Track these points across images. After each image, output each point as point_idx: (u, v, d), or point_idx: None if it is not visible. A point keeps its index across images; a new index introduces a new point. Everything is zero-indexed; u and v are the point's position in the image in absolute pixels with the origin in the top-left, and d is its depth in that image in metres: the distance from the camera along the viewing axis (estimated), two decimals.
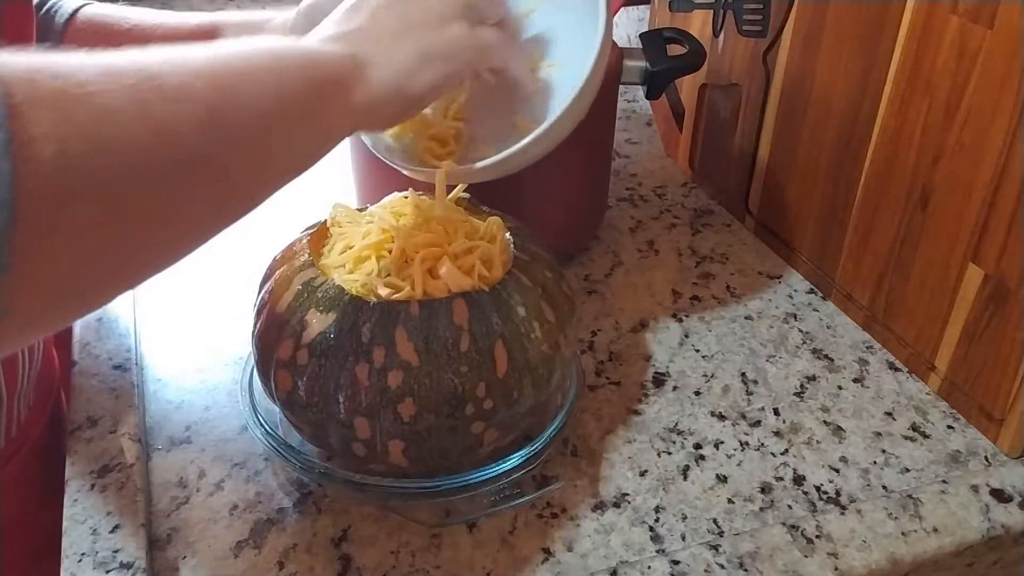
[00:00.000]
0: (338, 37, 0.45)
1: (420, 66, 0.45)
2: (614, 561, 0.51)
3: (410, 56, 0.45)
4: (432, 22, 0.47)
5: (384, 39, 0.45)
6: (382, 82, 0.44)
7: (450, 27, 0.47)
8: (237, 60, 0.37)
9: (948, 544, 0.53)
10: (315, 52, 0.43)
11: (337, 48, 0.44)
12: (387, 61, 0.44)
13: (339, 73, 0.42)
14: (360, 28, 0.45)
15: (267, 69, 0.38)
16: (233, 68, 0.37)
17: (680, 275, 0.78)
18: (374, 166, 0.75)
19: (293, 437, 0.54)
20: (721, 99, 0.86)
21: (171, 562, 0.50)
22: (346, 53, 0.43)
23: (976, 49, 0.56)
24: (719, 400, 0.64)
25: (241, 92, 0.36)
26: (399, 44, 0.45)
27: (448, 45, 0.47)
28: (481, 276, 0.51)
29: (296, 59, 0.41)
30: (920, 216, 0.63)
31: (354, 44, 0.44)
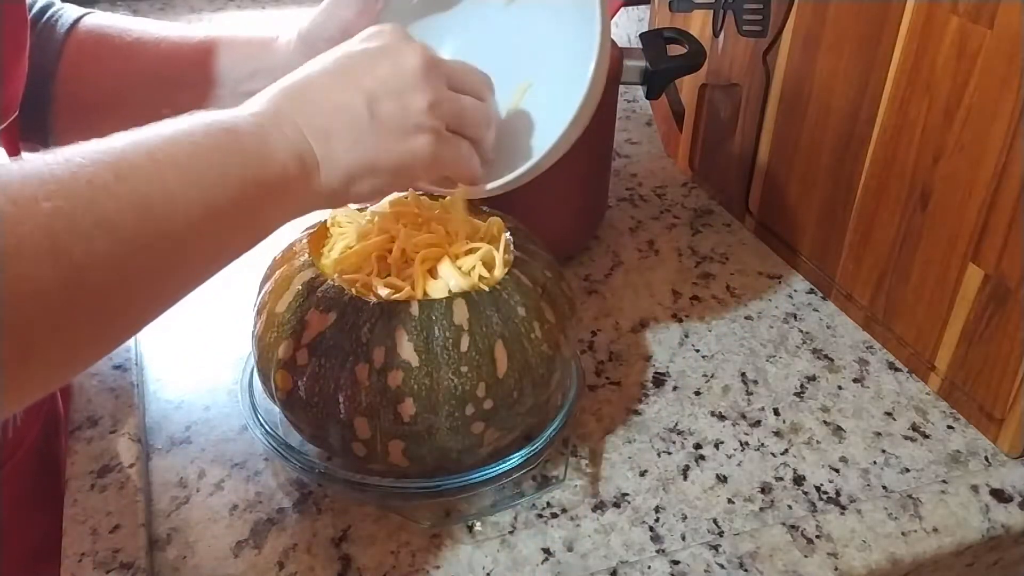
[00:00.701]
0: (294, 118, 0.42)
1: (363, 176, 0.44)
2: (614, 561, 0.51)
3: (356, 167, 0.44)
4: (400, 128, 0.44)
5: (339, 139, 0.43)
6: (318, 189, 0.43)
7: (416, 138, 0.45)
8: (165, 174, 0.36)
9: (948, 544, 0.53)
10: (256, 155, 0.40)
11: (285, 145, 0.41)
12: (331, 167, 0.43)
13: (280, 182, 0.41)
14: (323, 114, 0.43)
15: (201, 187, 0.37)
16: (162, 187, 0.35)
17: (680, 275, 0.78)
18: None
19: (293, 437, 0.54)
20: (721, 99, 0.86)
21: (171, 562, 0.50)
22: (293, 155, 0.41)
23: (976, 49, 0.56)
24: (719, 400, 0.64)
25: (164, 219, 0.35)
26: (352, 150, 0.43)
27: (402, 159, 0.45)
28: (481, 276, 0.51)
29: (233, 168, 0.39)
30: (920, 216, 0.63)
31: (305, 133, 0.42)
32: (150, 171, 0.35)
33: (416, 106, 0.44)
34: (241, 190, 0.39)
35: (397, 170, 0.45)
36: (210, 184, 0.37)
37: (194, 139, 0.38)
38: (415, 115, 0.44)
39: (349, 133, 0.43)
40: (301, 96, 0.43)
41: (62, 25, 0.60)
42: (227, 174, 0.38)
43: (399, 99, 0.44)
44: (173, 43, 0.60)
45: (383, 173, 0.45)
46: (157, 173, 0.35)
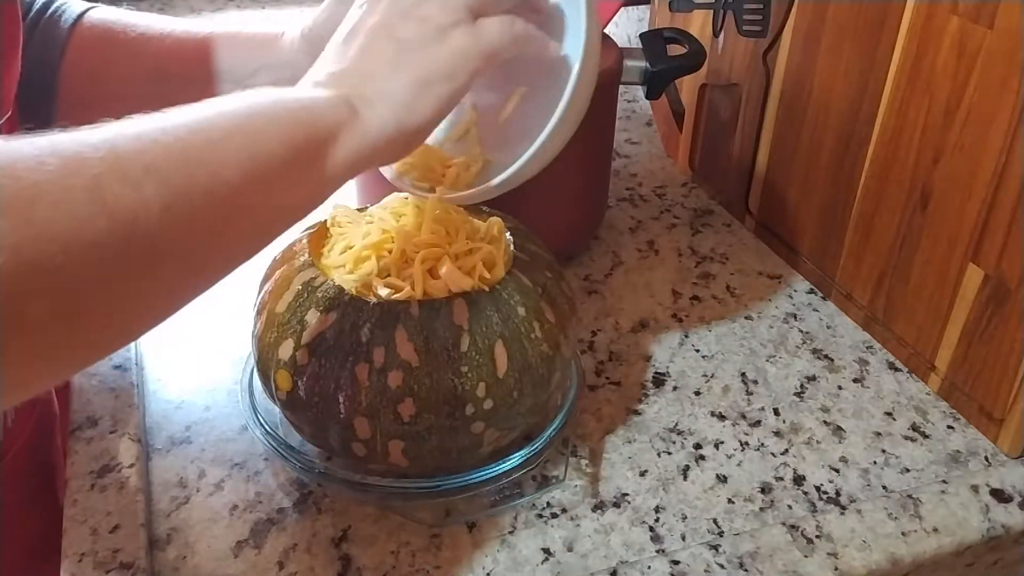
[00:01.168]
0: (329, 80, 0.42)
1: (420, 93, 0.43)
2: (614, 561, 0.51)
3: (408, 85, 0.43)
4: (430, 37, 0.44)
5: (378, 72, 0.43)
6: (379, 123, 0.42)
7: (451, 36, 0.44)
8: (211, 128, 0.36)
9: (948, 544, 0.53)
10: (301, 106, 0.40)
11: (327, 95, 0.41)
12: (382, 97, 0.42)
13: (330, 125, 0.40)
14: (352, 65, 0.43)
15: (245, 133, 0.37)
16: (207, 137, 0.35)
17: (680, 275, 0.78)
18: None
19: (293, 437, 0.54)
20: (721, 99, 0.86)
21: (171, 562, 0.50)
22: (337, 98, 0.41)
23: (976, 49, 0.56)
24: (719, 400, 0.64)
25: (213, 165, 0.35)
26: (395, 74, 0.43)
27: (450, 61, 0.44)
28: (481, 276, 0.51)
29: (279, 117, 0.39)
30: (920, 216, 0.63)
31: (345, 85, 0.42)
32: (196, 120, 0.35)
33: (429, 11, 0.44)
34: (291, 137, 0.38)
35: (449, 73, 0.44)
36: (258, 131, 0.37)
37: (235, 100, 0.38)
38: (433, 19, 0.44)
39: (385, 64, 0.43)
40: (325, 62, 0.44)
41: (66, 20, 0.60)
42: (274, 124, 0.38)
43: (412, 15, 0.44)
44: (177, 39, 0.60)
45: (438, 81, 0.43)
46: (203, 122, 0.36)
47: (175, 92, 0.59)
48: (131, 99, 0.61)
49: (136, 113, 0.38)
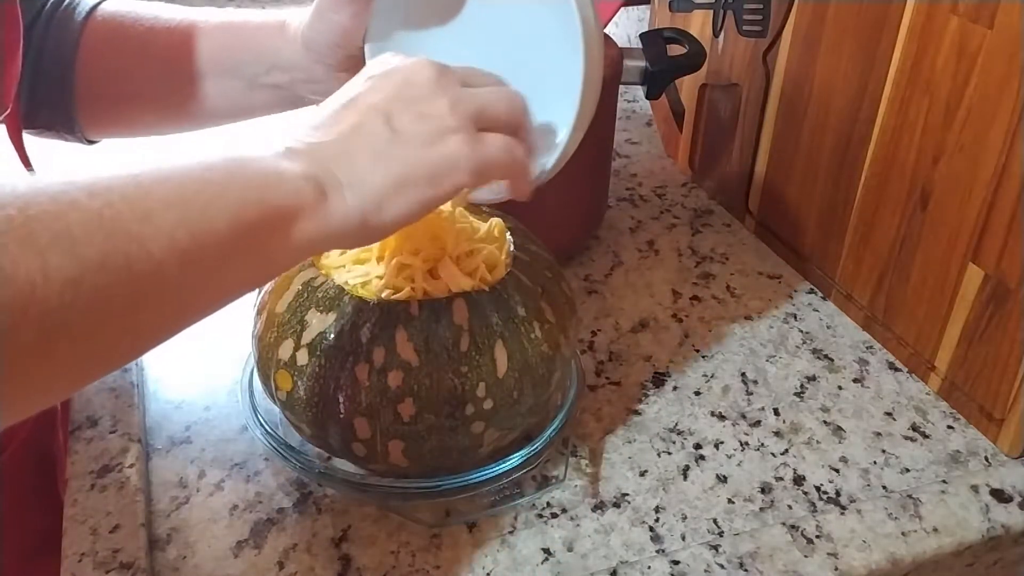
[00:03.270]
0: (305, 151, 0.39)
1: (396, 193, 0.40)
2: (614, 561, 0.51)
3: (386, 181, 0.39)
4: (426, 135, 0.41)
5: (360, 158, 0.39)
6: (344, 213, 0.39)
7: (447, 141, 0.41)
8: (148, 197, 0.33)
9: (948, 544, 0.53)
10: (263, 180, 0.37)
11: (298, 169, 0.38)
12: (356, 186, 0.39)
13: (290, 207, 0.37)
14: (335, 141, 0.40)
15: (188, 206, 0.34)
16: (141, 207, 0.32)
17: (680, 275, 0.78)
18: None
19: (293, 437, 0.54)
20: (721, 99, 0.86)
21: (171, 562, 0.50)
22: (306, 177, 0.38)
23: (976, 49, 0.56)
24: (719, 400, 0.64)
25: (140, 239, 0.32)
26: (377, 165, 0.40)
27: (437, 166, 0.40)
28: (481, 277, 0.51)
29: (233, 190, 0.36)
30: (920, 216, 0.63)
31: (321, 161, 0.39)
32: (129, 190, 0.32)
33: (436, 110, 0.41)
34: (239, 215, 0.35)
35: (432, 179, 0.40)
36: (200, 206, 0.34)
37: (190, 165, 0.35)
38: (437, 119, 0.41)
39: (370, 151, 0.40)
40: (313, 127, 0.41)
41: (79, 13, 0.60)
42: (223, 197, 0.35)
43: (416, 108, 0.41)
44: (183, 32, 0.59)
45: (417, 185, 0.40)
46: (137, 192, 0.33)
47: (184, 86, 0.59)
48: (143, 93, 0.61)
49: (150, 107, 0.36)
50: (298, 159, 0.38)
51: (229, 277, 0.37)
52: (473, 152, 0.41)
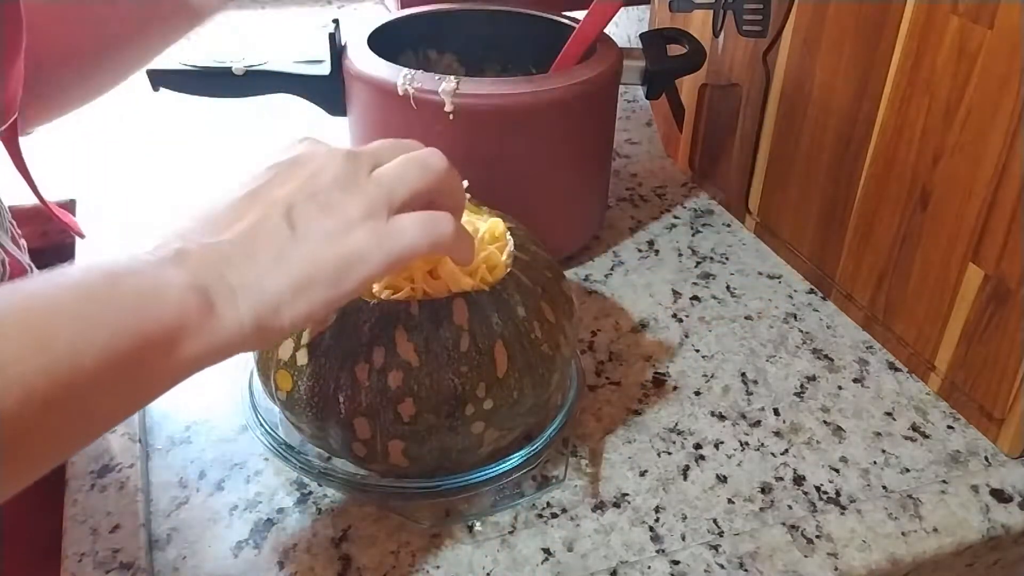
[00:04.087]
0: (199, 253, 0.36)
1: (295, 296, 0.37)
2: (614, 561, 0.51)
3: (284, 285, 0.36)
4: (330, 231, 0.38)
5: (255, 262, 0.36)
6: (236, 322, 0.35)
7: (353, 235, 0.38)
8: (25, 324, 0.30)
9: (948, 544, 0.53)
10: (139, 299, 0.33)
11: (182, 279, 0.34)
12: (249, 292, 0.36)
13: (172, 327, 0.33)
14: (234, 241, 0.37)
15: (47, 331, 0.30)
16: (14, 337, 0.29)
17: (680, 275, 0.78)
18: None
19: (293, 437, 0.54)
20: (721, 99, 0.86)
21: (171, 562, 0.50)
22: (191, 289, 0.34)
23: (976, 49, 0.56)
24: (719, 400, 0.64)
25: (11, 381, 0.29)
26: (275, 269, 0.36)
27: (340, 265, 0.38)
28: (482, 277, 0.51)
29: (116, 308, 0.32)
30: (920, 216, 0.63)
31: (213, 266, 0.35)
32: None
33: (340, 203, 0.38)
34: (110, 346, 0.32)
35: (336, 277, 0.38)
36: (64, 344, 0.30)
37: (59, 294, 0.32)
38: (341, 212, 0.38)
39: (269, 252, 0.37)
40: (207, 224, 0.37)
41: None
42: (92, 328, 0.31)
43: (319, 201, 0.38)
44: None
45: (320, 285, 0.37)
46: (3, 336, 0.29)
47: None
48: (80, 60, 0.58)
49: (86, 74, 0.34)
50: (185, 264, 0.35)
51: (100, 413, 0.33)
52: (381, 244, 0.39)
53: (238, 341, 0.36)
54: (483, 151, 0.67)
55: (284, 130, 0.96)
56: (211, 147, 0.94)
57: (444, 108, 0.64)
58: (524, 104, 0.66)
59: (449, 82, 0.64)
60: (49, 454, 0.33)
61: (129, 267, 0.34)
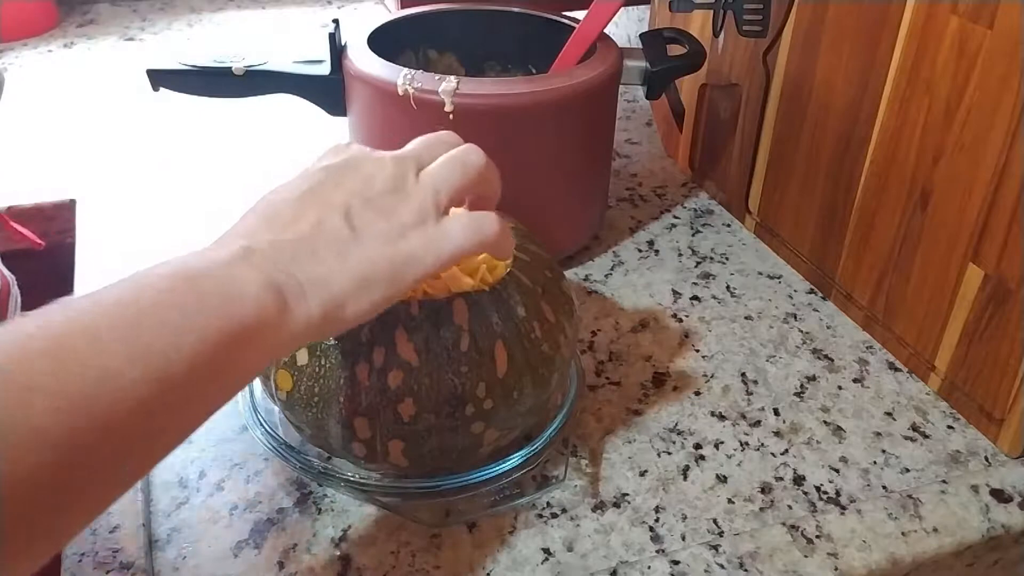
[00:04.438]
0: (267, 252, 0.37)
1: (358, 293, 0.39)
2: (614, 561, 0.51)
3: (350, 281, 0.38)
4: (387, 233, 0.40)
5: (322, 259, 0.38)
6: (307, 318, 0.37)
7: (408, 238, 0.40)
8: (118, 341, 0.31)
9: (948, 544, 0.53)
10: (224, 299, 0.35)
11: (257, 278, 0.36)
12: (318, 288, 0.37)
13: (252, 323, 0.35)
14: (299, 240, 0.38)
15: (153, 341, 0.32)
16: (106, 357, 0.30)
17: (680, 275, 0.78)
18: None
19: (293, 437, 0.54)
20: (721, 99, 0.86)
21: (171, 562, 0.50)
22: (267, 285, 0.36)
23: (976, 49, 0.56)
24: (719, 400, 0.64)
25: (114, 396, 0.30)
26: (340, 266, 0.38)
27: (398, 267, 0.40)
28: (482, 277, 0.51)
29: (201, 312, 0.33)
30: (920, 216, 0.63)
31: (282, 264, 0.37)
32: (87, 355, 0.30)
33: (395, 207, 0.41)
34: (206, 345, 0.33)
35: (393, 277, 0.40)
36: (162, 351, 0.32)
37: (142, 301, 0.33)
38: (396, 216, 0.41)
39: (331, 251, 0.39)
40: (270, 223, 0.39)
41: None
42: (186, 332, 0.33)
43: (376, 205, 0.41)
44: None
45: (379, 283, 0.39)
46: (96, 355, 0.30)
47: None
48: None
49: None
50: (255, 263, 0.36)
51: (195, 413, 0.35)
52: (432, 246, 0.41)
53: (308, 334, 0.38)
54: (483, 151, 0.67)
55: (284, 130, 0.96)
56: (211, 147, 0.94)
57: (444, 108, 0.64)
58: (524, 104, 0.66)
59: (449, 82, 0.64)
60: (152, 458, 0.35)
61: (203, 268, 0.35)
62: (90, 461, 0.30)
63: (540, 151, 0.69)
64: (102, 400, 0.30)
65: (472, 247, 0.43)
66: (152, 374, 0.31)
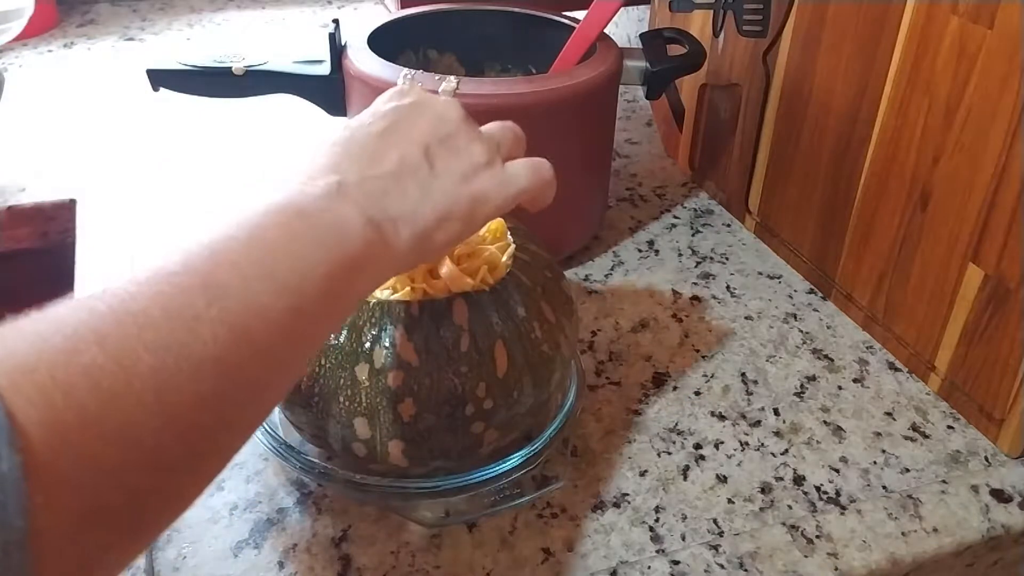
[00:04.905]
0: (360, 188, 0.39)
1: (440, 227, 0.41)
2: (614, 561, 0.51)
3: (432, 216, 0.41)
4: (460, 173, 0.42)
5: (410, 195, 0.40)
6: (401, 249, 0.39)
7: (479, 178, 0.43)
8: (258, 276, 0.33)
9: (948, 544, 0.53)
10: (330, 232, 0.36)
11: (355, 214, 0.38)
12: (408, 223, 0.40)
13: (360, 254, 0.37)
14: (386, 176, 0.40)
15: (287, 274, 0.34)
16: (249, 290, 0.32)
17: (680, 275, 0.78)
18: None
19: (293, 437, 0.54)
20: (721, 99, 0.86)
21: (171, 562, 0.50)
22: (366, 221, 0.38)
23: (976, 49, 0.56)
24: (719, 400, 0.64)
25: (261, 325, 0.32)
26: (424, 201, 0.40)
27: (471, 204, 0.42)
28: (482, 277, 0.51)
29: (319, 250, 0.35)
30: (920, 216, 0.63)
31: (375, 199, 0.39)
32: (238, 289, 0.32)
33: (467, 147, 0.43)
34: (328, 277, 0.35)
35: (471, 214, 0.42)
36: (297, 282, 0.34)
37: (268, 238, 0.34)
38: (468, 156, 0.43)
39: (416, 185, 0.41)
40: (357, 159, 0.41)
41: None
42: (312, 266, 0.35)
43: (450, 144, 0.43)
44: None
45: (456, 219, 0.42)
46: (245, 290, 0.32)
47: None
48: None
49: None
50: (350, 198, 0.38)
51: (316, 338, 0.38)
52: (501, 186, 0.44)
53: (401, 266, 0.41)
54: None
55: (284, 130, 0.96)
56: (211, 147, 0.94)
57: None
58: (524, 104, 0.66)
59: (449, 82, 0.64)
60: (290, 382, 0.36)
61: (309, 205, 0.37)
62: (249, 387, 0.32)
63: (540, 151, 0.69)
64: (256, 331, 0.32)
65: (535, 188, 0.45)
66: (292, 304, 0.34)
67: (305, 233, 0.36)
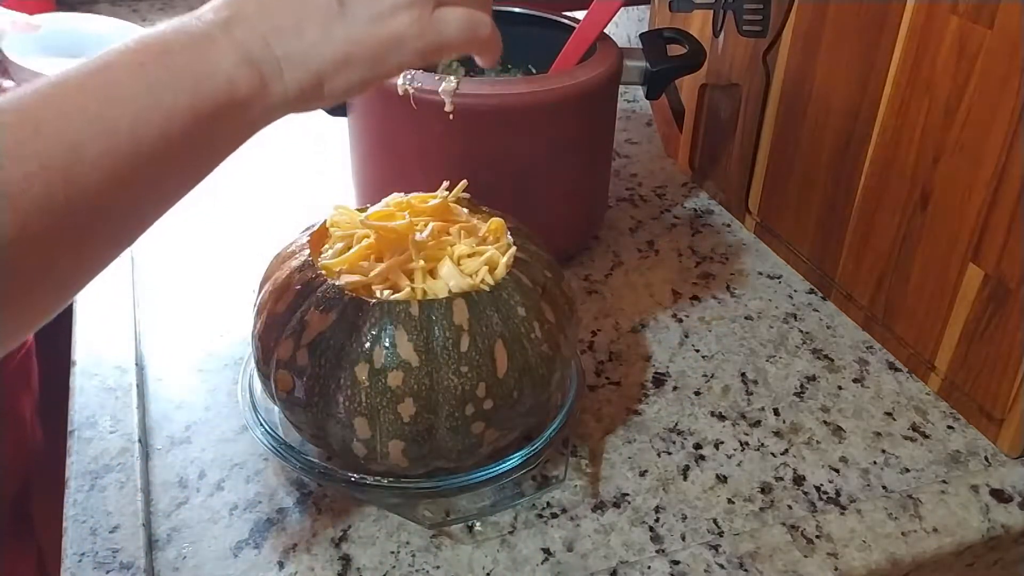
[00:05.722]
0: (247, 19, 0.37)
1: (336, 72, 0.39)
2: (614, 561, 0.51)
3: (328, 60, 0.39)
4: (375, 14, 0.39)
5: (304, 35, 0.38)
6: (282, 95, 0.38)
7: (395, 19, 0.39)
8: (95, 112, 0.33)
9: (948, 544, 0.53)
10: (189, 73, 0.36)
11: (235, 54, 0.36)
12: (296, 65, 0.38)
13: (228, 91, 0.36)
14: (278, 13, 0.38)
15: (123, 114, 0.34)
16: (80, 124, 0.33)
17: (680, 275, 0.78)
18: (374, 166, 0.75)
19: (293, 437, 0.54)
20: (721, 99, 0.86)
21: (171, 562, 0.50)
22: (243, 62, 0.37)
23: (976, 49, 0.56)
24: (719, 400, 0.64)
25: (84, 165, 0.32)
26: (322, 42, 0.38)
27: (380, 48, 0.39)
28: (482, 278, 0.51)
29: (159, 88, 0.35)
30: (920, 216, 0.63)
31: (259, 34, 0.37)
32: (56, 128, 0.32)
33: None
34: (172, 124, 0.35)
35: (375, 59, 0.39)
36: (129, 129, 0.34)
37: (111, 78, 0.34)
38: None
39: (316, 25, 0.38)
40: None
41: None
42: (151, 110, 0.34)
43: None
44: None
45: (359, 64, 0.39)
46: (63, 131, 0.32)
47: None
48: None
49: None
50: (233, 36, 0.37)
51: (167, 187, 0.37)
52: (422, 32, 0.40)
53: (282, 110, 0.39)
54: (483, 151, 0.68)
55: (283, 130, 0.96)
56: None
57: (444, 108, 0.64)
58: (524, 104, 0.66)
59: (449, 82, 0.64)
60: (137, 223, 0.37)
61: (178, 42, 0.36)
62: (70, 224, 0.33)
63: (540, 151, 0.69)
64: (72, 170, 0.32)
65: (462, 43, 0.42)
66: (120, 148, 0.33)
67: (157, 74, 0.35)
